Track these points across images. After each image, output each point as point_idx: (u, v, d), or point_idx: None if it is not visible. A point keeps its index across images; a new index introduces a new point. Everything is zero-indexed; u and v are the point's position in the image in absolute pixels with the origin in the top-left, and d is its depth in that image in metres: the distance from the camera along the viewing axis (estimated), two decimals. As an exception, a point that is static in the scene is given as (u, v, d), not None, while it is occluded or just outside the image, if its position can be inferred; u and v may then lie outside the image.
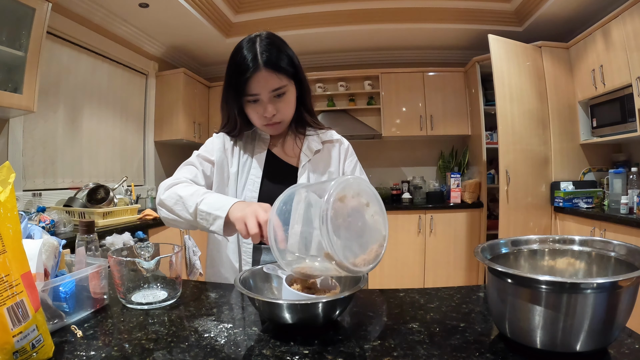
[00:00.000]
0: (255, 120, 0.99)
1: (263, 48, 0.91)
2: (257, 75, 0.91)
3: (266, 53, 0.91)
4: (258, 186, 1.01)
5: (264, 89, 0.92)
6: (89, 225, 0.85)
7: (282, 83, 0.93)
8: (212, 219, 0.82)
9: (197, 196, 0.87)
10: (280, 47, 0.94)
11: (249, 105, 0.97)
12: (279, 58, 0.92)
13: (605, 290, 0.49)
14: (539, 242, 0.70)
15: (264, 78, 0.91)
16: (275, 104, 0.95)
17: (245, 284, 0.72)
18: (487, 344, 0.59)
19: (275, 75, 0.92)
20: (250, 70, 0.90)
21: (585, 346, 0.50)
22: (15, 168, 2.35)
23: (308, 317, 0.63)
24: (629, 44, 2.46)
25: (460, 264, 3.46)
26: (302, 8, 3.26)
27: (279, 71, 0.92)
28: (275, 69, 0.91)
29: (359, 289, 0.65)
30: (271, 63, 0.91)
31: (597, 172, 3.14)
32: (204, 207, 0.84)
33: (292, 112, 1.02)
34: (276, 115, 0.96)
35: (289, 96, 0.97)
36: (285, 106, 0.97)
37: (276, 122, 0.98)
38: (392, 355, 0.56)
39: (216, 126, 4.68)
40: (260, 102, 0.95)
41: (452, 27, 3.44)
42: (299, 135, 1.09)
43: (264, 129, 1.02)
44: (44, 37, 2.06)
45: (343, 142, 1.14)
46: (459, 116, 3.77)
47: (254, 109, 0.96)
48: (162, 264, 0.81)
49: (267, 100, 0.94)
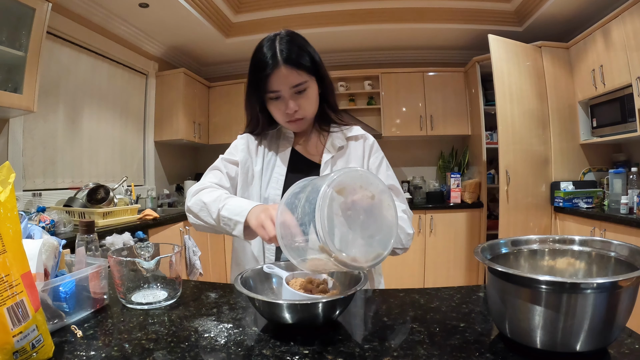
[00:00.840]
0: (278, 117, 1.00)
1: (283, 45, 0.92)
2: (277, 72, 0.91)
3: (286, 50, 0.92)
4: (282, 184, 1.01)
5: (285, 85, 0.93)
6: (89, 225, 0.85)
7: (302, 79, 0.93)
8: (233, 224, 0.85)
9: (219, 202, 0.89)
10: (299, 44, 0.95)
11: (271, 103, 0.97)
12: (299, 55, 0.93)
13: (605, 290, 0.49)
14: (539, 242, 0.70)
15: (284, 74, 0.92)
16: (297, 100, 0.95)
17: (246, 284, 0.72)
18: (487, 344, 0.59)
19: (295, 72, 0.92)
20: (270, 67, 0.91)
21: (585, 346, 0.50)
22: (15, 168, 2.35)
23: (308, 317, 0.63)
24: (629, 44, 2.46)
25: (460, 264, 3.46)
26: (302, 8, 3.26)
27: (299, 67, 0.92)
28: (295, 65, 0.92)
29: (358, 289, 0.65)
30: (291, 59, 0.91)
31: (597, 172, 3.14)
32: (225, 212, 0.87)
33: (315, 109, 1.02)
34: (298, 112, 0.97)
35: (310, 92, 0.97)
36: (306, 102, 0.97)
37: (298, 118, 0.98)
38: (392, 355, 0.56)
39: (216, 126, 4.71)
40: (281, 98, 0.95)
41: (452, 27, 3.44)
42: (322, 132, 1.09)
43: (287, 126, 1.03)
44: (44, 37, 2.06)
45: (368, 137, 1.12)
46: (459, 116, 3.77)
47: (276, 106, 0.97)
48: (162, 264, 0.82)
49: (288, 96, 0.94)
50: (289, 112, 0.96)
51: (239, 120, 4.01)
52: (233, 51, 3.89)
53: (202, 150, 4.40)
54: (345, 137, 1.09)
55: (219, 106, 4.11)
